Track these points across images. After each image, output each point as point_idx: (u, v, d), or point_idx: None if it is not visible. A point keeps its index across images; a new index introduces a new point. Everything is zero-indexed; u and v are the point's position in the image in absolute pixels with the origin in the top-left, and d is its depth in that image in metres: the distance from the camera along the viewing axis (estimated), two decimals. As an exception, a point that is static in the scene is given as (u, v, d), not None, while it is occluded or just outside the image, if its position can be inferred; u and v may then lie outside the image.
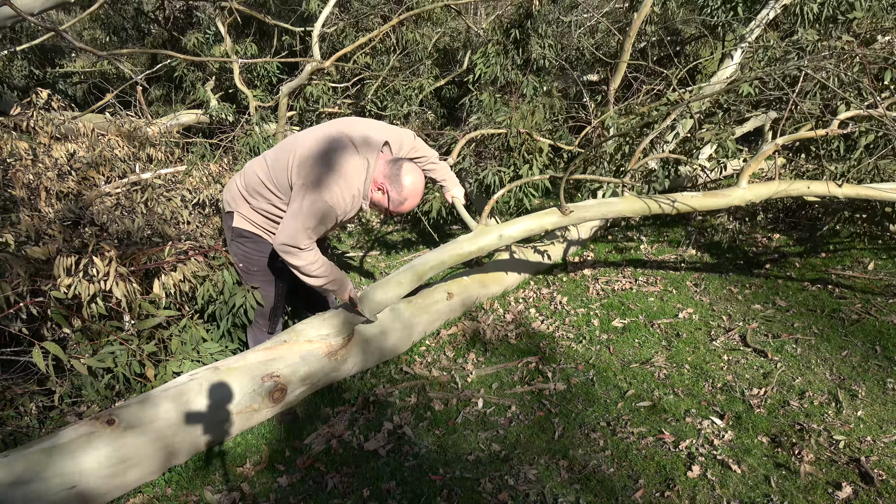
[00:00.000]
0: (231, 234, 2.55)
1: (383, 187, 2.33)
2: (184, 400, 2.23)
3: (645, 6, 4.25)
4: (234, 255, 2.61)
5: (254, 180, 2.43)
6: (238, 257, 2.59)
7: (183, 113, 6.66)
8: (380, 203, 2.39)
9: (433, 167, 2.83)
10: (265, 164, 2.41)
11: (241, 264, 2.60)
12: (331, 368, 2.67)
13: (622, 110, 4.35)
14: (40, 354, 2.12)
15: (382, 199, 2.36)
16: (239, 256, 2.58)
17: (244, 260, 2.58)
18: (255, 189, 2.42)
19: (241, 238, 2.53)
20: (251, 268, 2.59)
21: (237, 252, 2.58)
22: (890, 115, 2.81)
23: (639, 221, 5.07)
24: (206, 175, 3.98)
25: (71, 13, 8.94)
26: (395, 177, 2.31)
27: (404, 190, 2.33)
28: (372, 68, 6.09)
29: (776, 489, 2.08)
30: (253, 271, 2.60)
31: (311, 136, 2.36)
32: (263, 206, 2.44)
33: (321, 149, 2.29)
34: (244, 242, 2.54)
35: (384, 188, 2.33)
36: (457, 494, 2.15)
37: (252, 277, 2.63)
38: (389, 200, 2.35)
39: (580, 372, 2.90)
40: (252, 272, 2.60)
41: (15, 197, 3.08)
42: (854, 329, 3.07)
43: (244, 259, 2.58)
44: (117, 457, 2.02)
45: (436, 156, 2.82)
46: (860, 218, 3.77)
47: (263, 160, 2.44)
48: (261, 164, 2.43)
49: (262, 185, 2.40)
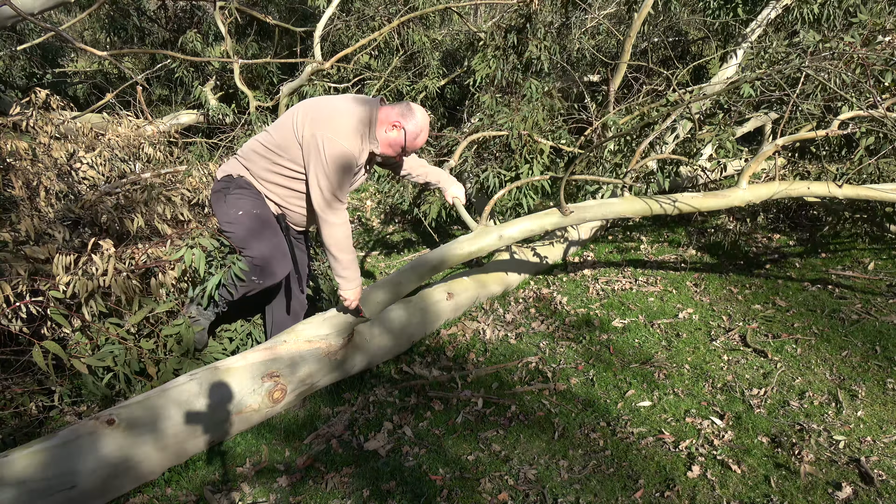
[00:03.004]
0: (226, 189, 2.45)
1: (398, 124, 2.40)
2: (184, 400, 2.23)
3: (645, 6, 4.25)
4: (230, 210, 2.43)
5: (252, 146, 2.45)
6: (236, 209, 2.43)
7: (183, 113, 6.67)
8: (396, 141, 2.44)
9: (426, 171, 2.86)
10: (265, 132, 2.45)
11: (240, 212, 2.43)
12: (331, 368, 2.67)
13: (622, 110, 4.35)
14: (40, 353, 2.12)
15: (399, 136, 2.42)
16: (238, 207, 2.43)
17: (244, 208, 2.44)
18: (255, 151, 2.44)
19: (239, 189, 2.45)
20: (252, 210, 2.45)
21: (236, 200, 2.43)
22: (891, 115, 2.81)
23: (639, 222, 5.07)
24: (205, 175, 3.98)
25: (71, 13, 8.95)
26: (407, 112, 2.40)
27: (419, 122, 2.42)
28: (373, 69, 6.09)
29: (776, 489, 2.08)
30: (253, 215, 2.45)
31: (310, 100, 2.44)
32: (263, 166, 2.43)
33: (325, 102, 2.40)
34: (243, 194, 2.45)
35: (399, 124, 2.41)
36: (457, 494, 2.15)
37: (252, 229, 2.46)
38: (406, 135, 2.42)
39: (580, 372, 2.89)
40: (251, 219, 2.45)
41: (14, 197, 3.08)
42: (854, 329, 3.07)
43: (244, 207, 2.44)
44: (117, 456, 2.02)
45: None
46: (860, 218, 3.77)
47: (264, 132, 2.48)
48: (260, 135, 2.48)
49: (263, 147, 2.42)
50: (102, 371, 2.49)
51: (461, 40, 6.41)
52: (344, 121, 2.33)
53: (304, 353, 2.55)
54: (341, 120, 2.33)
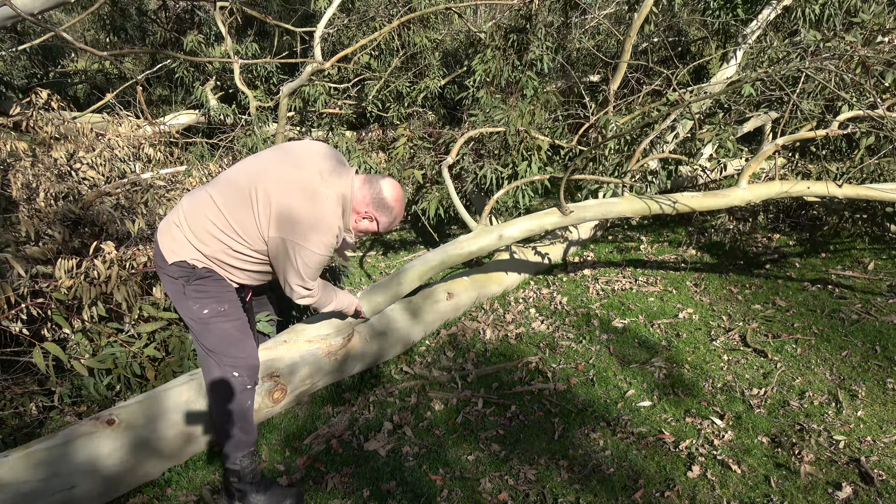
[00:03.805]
0: (185, 279, 2.03)
1: (369, 215, 2.15)
2: (183, 400, 2.23)
3: (645, 6, 4.25)
4: (194, 306, 2.06)
5: (204, 225, 2.01)
6: (200, 306, 2.06)
7: (183, 113, 6.67)
8: (368, 230, 2.21)
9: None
10: (214, 206, 2.01)
11: (205, 311, 2.06)
12: (331, 368, 2.67)
13: (622, 110, 4.35)
14: (41, 355, 2.13)
15: (371, 226, 2.18)
16: (202, 303, 2.06)
17: (209, 306, 2.07)
18: (209, 233, 2.02)
19: (200, 280, 2.05)
20: (219, 308, 2.09)
21: (199, 297, 2.05)
22: (890, 115, 2.80)
23: (639, 221, 5.07)
24: (205, 175, 3.99)
25: (71, 13, 8.95)
26: (378, 201, 2.12)
27: (393, 210, 2.16)
28: (373, 69, 6.09)
29: (776, 489, 2.08)
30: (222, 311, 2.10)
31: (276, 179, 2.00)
32: (220, 249, 2.04)
33: (295, 197, 2.00)
34: (206, 283, 2.06)
35: (371, 215, 2.15)
36: (457, 494, 2.15)
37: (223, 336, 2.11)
38: (379, 224, 2.18)
39: (580, 372, 2.89)
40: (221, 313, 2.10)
41: (14, 197, 3.08)
42: (854, 329, 3.07)
43: (209, 305, 2.07)
44: (117, 456, 2.02)
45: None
46: (860, 218, 3.77)
47: (211, 201, 2.02)
48: (208, 206, 2.02)
49: (218, 230, 2.01)
50: (103, 373, 2.49)
51: (461, 40, 6.42)
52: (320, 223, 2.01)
53: (304, 354, 2.55)
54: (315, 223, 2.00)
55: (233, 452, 2.10)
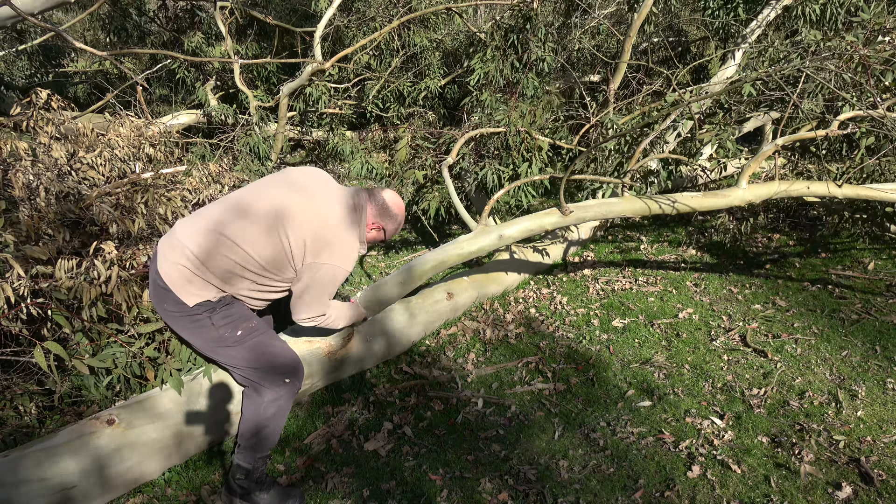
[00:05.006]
0: (211, 311, 2.07)
1: (377, 225, 2.28)
2: (184, 400, 2.23)
3: (645, 6, 4.25)
4: (226, 332, 2.09)
5: (226, 266, 2.03)
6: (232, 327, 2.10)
7: (183, 113, 6.67)
8: (376, 239, 2.34)
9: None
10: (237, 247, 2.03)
11: (238, 332, 2.11)
12: (331, 368, 2.67)
13: (622, 110, 4.35)
14: (42, 354, 2.13)
15: (379, 235, 2.32)
16: (234, 325, 2.11)
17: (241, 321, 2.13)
18: (235, 274, 2.06)
19: (225, 307, 2.10)
20: (249, 324, 2.15)
21: (228, 322, 2.10)
22: (890, 115, 2.80)
23: (639, 221, 5.07)
24: (205, 175, 3.99)
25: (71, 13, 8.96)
26: (384, 211, 2.25)
27: (397, 217, 2.30)
28: (373, 69, 6.09)
29: (776, 489, 2.08)
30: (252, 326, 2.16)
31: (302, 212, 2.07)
32: (247, 286, 2.11)
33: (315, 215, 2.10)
34: (230, 307, 2.12)
35: (378, 225, 2.28)
36: (457, 494, 2.15)
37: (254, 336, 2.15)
38: (386, 233, 2.33)
39: (580, 372, 2.90)
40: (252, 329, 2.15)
41: (14, 197, 3.08)
42: (854, 329, 3.07)
43: (241, 319, 2.13)
44: (117, 456, 2.02)
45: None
46: (860, 218, 3.77)
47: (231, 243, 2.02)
48: (227, 246, 2.02)
49: (246, 269, 2.06)
50: (103, 372, 2.49)
51: (461, 40, 6.41)
52: (347, 243, 2.14)
53: (304, 353, 2.55)
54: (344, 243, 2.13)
55: (253, 452, 2.12)
